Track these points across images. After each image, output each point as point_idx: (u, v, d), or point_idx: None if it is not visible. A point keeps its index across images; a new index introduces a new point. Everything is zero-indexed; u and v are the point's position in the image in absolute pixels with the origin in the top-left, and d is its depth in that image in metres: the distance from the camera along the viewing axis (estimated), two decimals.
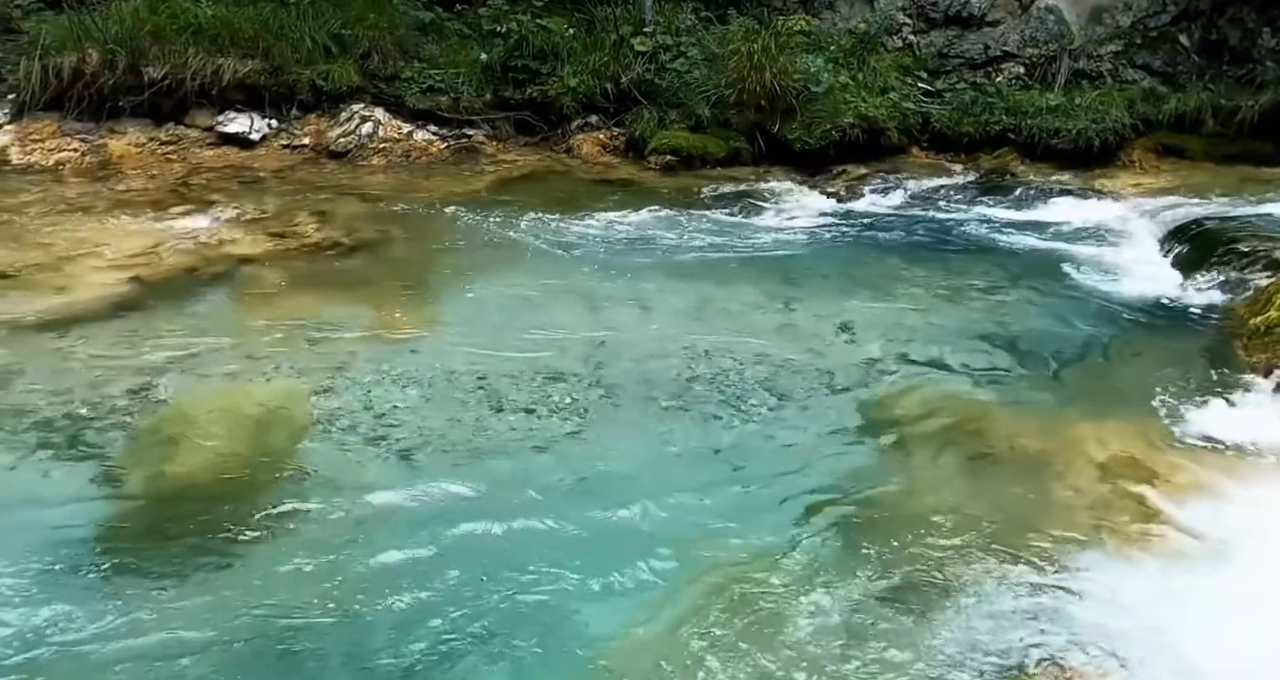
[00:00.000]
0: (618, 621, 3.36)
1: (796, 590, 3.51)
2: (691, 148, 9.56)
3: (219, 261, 6.62)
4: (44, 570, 3.52)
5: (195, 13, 9.33)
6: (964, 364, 5.38)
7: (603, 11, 10.42)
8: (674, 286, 6.47)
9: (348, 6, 9.90)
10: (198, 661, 3.13)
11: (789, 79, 9.64)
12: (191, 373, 4.97)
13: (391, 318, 5.84)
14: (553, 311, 5.96)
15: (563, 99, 9.90)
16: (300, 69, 9.49)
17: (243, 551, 3.69)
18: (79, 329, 5.45)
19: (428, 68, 9.96)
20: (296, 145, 9.42)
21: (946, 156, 10.09)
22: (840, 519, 3.95)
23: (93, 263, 6.48)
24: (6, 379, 4.83)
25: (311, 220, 7.56)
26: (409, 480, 4.15)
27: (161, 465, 4.13)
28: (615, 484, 4.17)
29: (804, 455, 4.45)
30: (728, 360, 5.31)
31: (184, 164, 8.93)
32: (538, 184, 8.92)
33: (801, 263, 7.08)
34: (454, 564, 3.61)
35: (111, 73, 8.98)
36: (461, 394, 4.86)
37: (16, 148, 8.78)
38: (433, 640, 3.25)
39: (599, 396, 4.90)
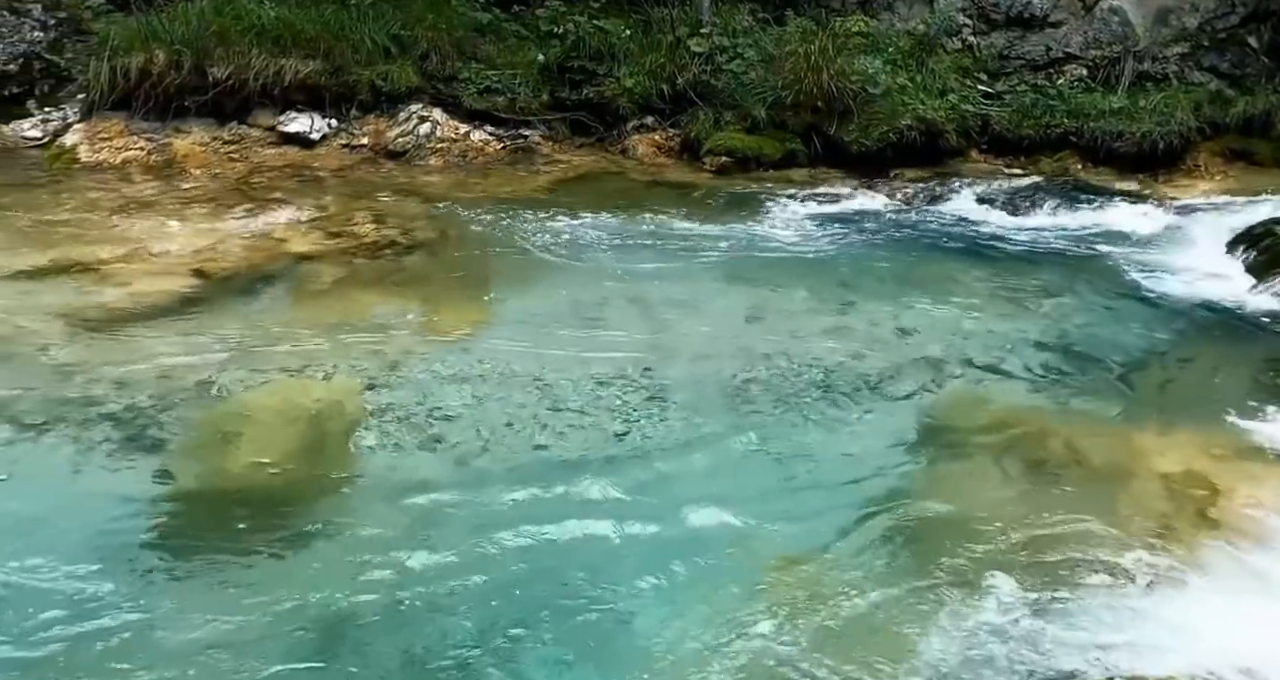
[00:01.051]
0: (669, 623, 3.35)
1: (849, 594, 3.48)
2: (747, 149, 9.51)
3: (278, 259, 6.71)
4: (105, 560, 3.59)
5: (259, 14, 9.45)
6: (1023, 369, 5.31)
7: (660, 12, 10.41)
8: (728, 288, 6.45)
9: (408, 8, 9.98)
10: (251, 651, 3.18)
11: (846, 80, 9.56)
12: (250, 368, 5.04)
13: (446, 316, 5.88)
14: (606, 312, 5.97)
15: (619, 100, 9.90)
16: (360, 69, 9.58)
17: (297, 544, 3.73)
18: (144, 323, 5.56)
19: (485, 68, 10.01)
20: (355, 145, 9.51)
21: (1006, 160, 9.95)
22: (896, 525, 3.91)
23: (157, 259, 6.60)
24: (74, 371, 4.93)
25: (369, 219, 7.64)
26: (461, 478, 4.18)
27: (220, 458, 4.20)
28: (667, 486, 4.17)
29: (859, 459, 4.42)
30: (782, 363, 5.28)
31: (246, 163, 9.06)
32: (593, 185, 8.93)
33: (857, 265, 7.02)
34: (505, 561, 3.63)
35: (177, 73, 9.13)
36: (514, 393, 4.88)
37: (86, 146, 8.97)
38: (483, 636, 3.27)
39: (651, 398, 4.90)
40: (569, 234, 7.47)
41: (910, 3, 11.20)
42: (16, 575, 3.47)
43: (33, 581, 3.46)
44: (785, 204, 8.41)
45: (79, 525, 3.77)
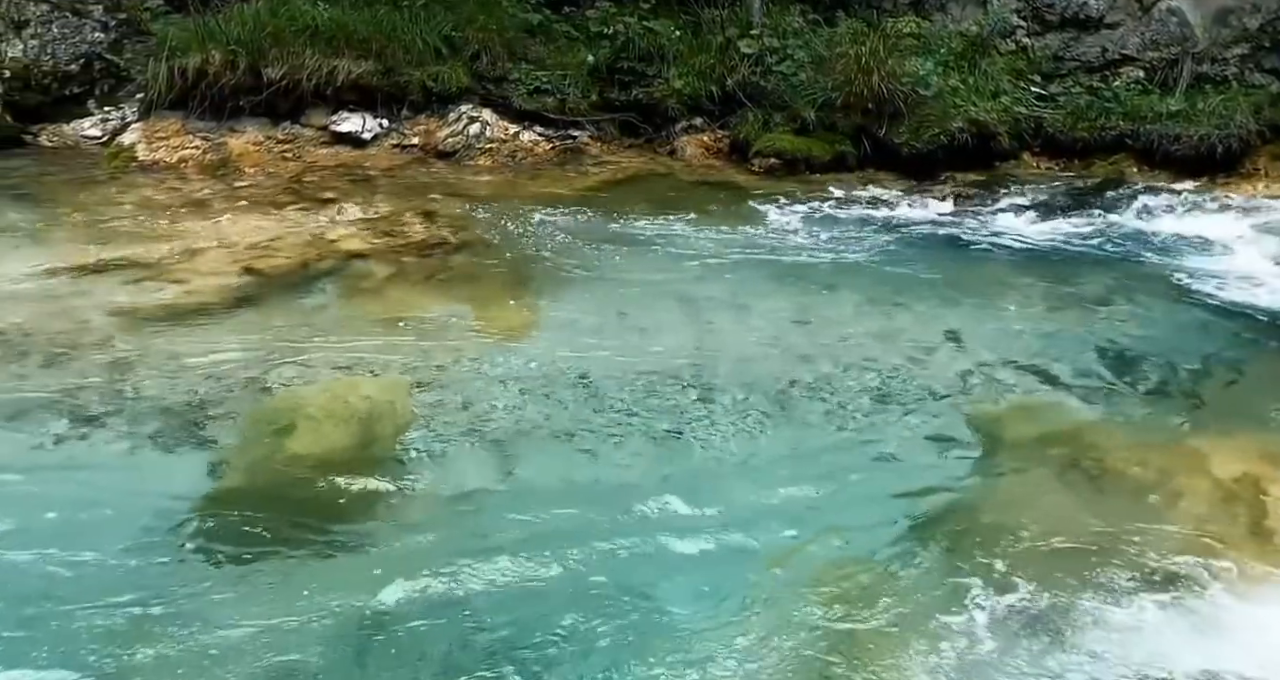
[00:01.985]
0: (709, 624, 3.35)
1: (894, 601, 3.45)
2: (796, 150, 9.48)
3: (330, 257, 6.79)
4: (157, 550, 3.66)
5: (313, 15, 9.57)
6: (1074, 375, 5.24)
7: (710, 13, 10.40)
8: (775, 290, 6.42)
9: (459, 9, 10.05)
10: (300, 641, 3.22)
11: (897, 82, 9.50)
12: (301, 364, 5.11)
13: (494, 316, 5.92)
14: (653, 313, 5.97)
15: (668, 101, 9.91)
16: (411, 70, 9.66)
17: (344, 539, 3.77)
18: (198, 320, 5.65)
19: (535, 69, 10.06)
20: (406, 145, 9.60)
21: (1059, 162, 9.83)
22: (941, 530, 3.87)
23: (212, 256, 6.70)
24: (131, 365, 5.03)
25: (419, 219, 7.70)
26: (508, 476, 4.21)
27: (270, 453, 4.25)
28: (711, 487, 4.16)
29: (905, 464, 4.39)
30: (828, 365, 5.25)
31: (299, 162, 9.18)
32: (641, 185, 8.94)
33: (906, 268, 6.97)
34: (548, 558, 3.64)
35: (233, 73, 9.27)
36: (561, 393, 4.90)
37: (143, 145, 9.14)
38: (525, 635, 3.28)
39: (697, 399, 4.89)
40: (616, 235, 7.49)
41: (963, 3, 11.09)
42: (73, 563, 3.54)
43: (88, 570, 3.53)
44: (834, 206, 8.37)
45: (133, 516, 3.84)
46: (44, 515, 3.80)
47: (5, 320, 5.50)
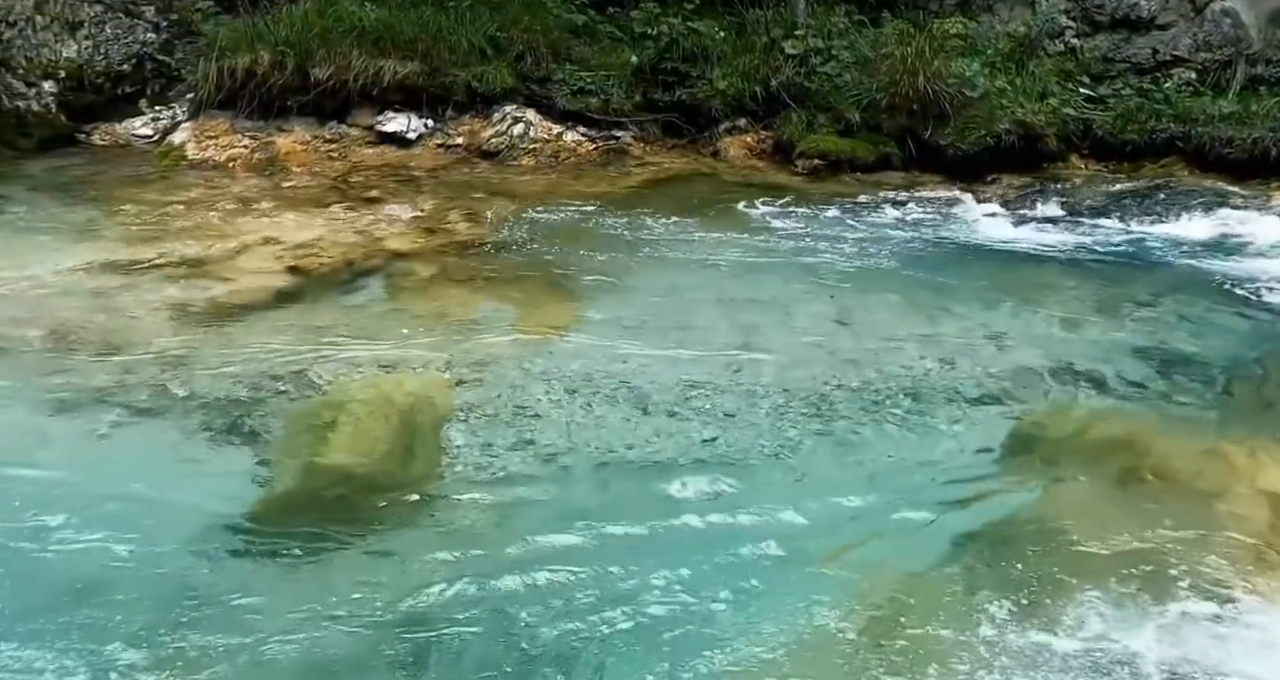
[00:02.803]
0: (747, 629, 3.33)
1: (934, 606, 3.42)
2: (840, 152, 9.42)
3: (374, 256, 6.85)
4: (203, 545, 3.70)
5: (360, 16, 9.66)
6: (1121, 380, 5.16)
7: (755, 14, 10.37)
8: (818, 292, 6.39)
9: (504, 9, 10.10)
10: (339, 636, 3.24)
11: (943, 83, 9.42)
12: (345, 361, 5.15)
13: (536, 314, 5.94)
14: (695, 314, 5.96)
15: (711, 101, 9.89)
16: (457, 71, 9.73)
17: (387, 535, 3.80)
18: (244, 317, 5.72)
19: (579, 70, 10.08)
20: (451, 145, 9.67)
21: (1108, 165, 9.69)
22: (985, 537, 3.83)
23: (259, 254, 6.79)
24: (179, 361, 5.10)
25: (462, 218, 7.75)
26: (548, 475, 4.21)
27: (314, 449, 4.29)
28: (751, 490, 4.14)
29: (948, 469, 4.35)
30: (871, 369, 5.22)
31: (344, 162, 9.27)
32: (684, 186, 8.93)
33: (950, 271, 6.91)
34: (586, 558, 3.64)
35: (281, 74, 9.39)
36: (602, 393, 4.90)
37: (193, 144, 9.27)
38: (563, 631, 3.28)
39: (738, 401, 4.87)
40: (659, 235, 7.49)
41: (1011, 4, 10.97)
42: (121, 556, 3.60)
43: (136, 563, 3.57)
44: (878, 207, 8.32)
45: (180, 510, 3.89)
46: (93, 509, 3.85)
47: (57, 315, 5.61)
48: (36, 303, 5.78)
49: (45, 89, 9.54)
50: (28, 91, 9.39)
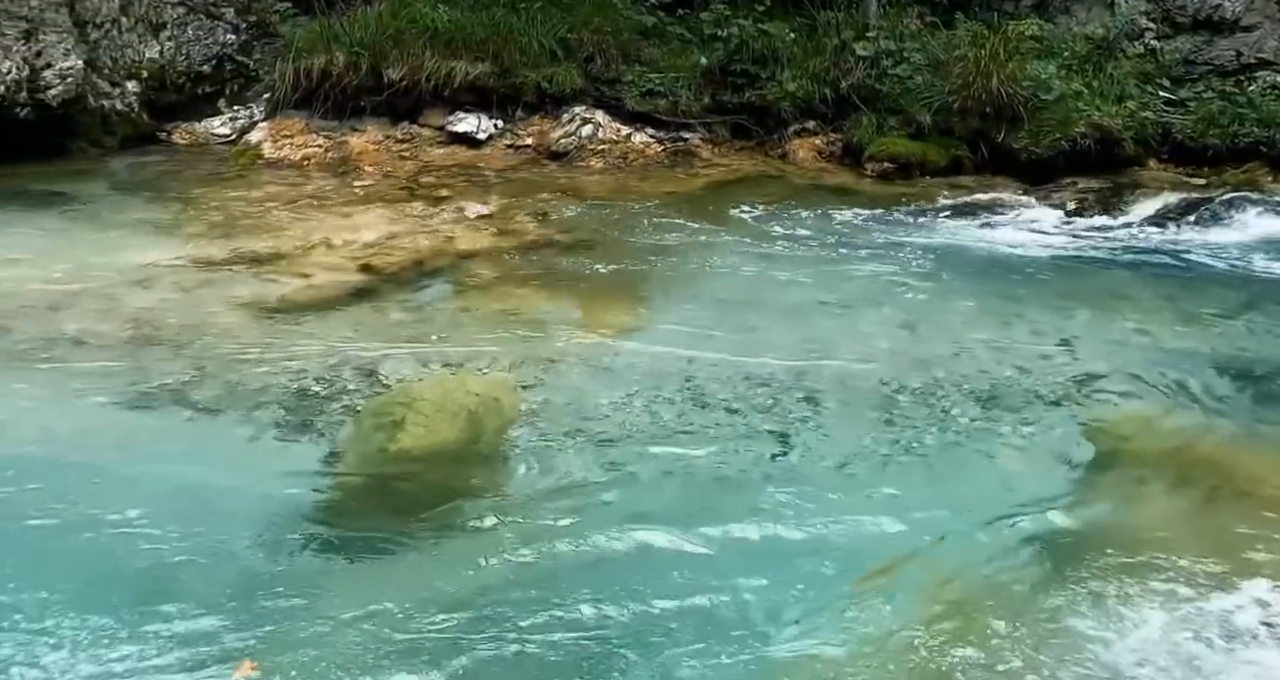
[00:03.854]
0: (809, 635, 3.31)
1: (999, 616, 3.36)
2: (910, 155, 9.32)
3: (443, 255, 6.93)
4: (273, 538, 3.76)
5: (433, 17, 9.79)
6: (1197, 391, 5.03)
7: (825, 15, 10.30)
8: (884, 295, 6.34)
9: (574, 11, 10.15)
10: (401, 631, 3.27)
11: (1017, 86, 9.27)
12: (413, 360, 5.22)
13: (602, 315, 5.96)
14: (760, 315, 5.94)
15: (780, 103, 9.84)
16: (527, 72, 9.81)
17: (450, 532, 3.84)
18: (315, 314, 5.83)
19: (648, 71, 10.10)
20: (520, 145, 9.74)
21: (1187, 170, 9.45)
22: (1053, 545, 3.76)
23: (330, 252, 6.90)
24: (252, 356, 5.21)
25: (530, 219, 7.81)
26: (610, 476, 4.22)
27: (381, 446, 4.35)
28: (813, 491, 4.11)
29: (1014, 476, 4.28)
30: (938, 372, 5.15)
31: (416, 161, 9.38)
32: (751, 188, 8.90)
33: (1021, 276, 6.80)
34: (647, 558, 3.65)
35: (355, 74, 9.55)
36: (666, 393, 4.91)
37: (269, 143, 9.46)
38: (621, 629, 3.28)
39: (803, 401, 4.85)
40: (724, 237, 7.48)
41: (1089, 5, 10.77)
42: (195, 548, 3.67)
43: (208, 555, 3.64)
44: (949, 212, 8.22)
45: (251, 503, 3.96)
46: (168, 500, 3.94)
47: (136, 309, 5.76)
48: (117, 297, 5.93)
49: (129, 89, 9.80)
50: (112, 91, 9.65)
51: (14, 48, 8.52)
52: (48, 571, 3.49)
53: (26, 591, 3.36)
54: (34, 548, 3.64)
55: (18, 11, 8.56)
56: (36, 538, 3.69)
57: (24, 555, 3.58)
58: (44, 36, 8.73)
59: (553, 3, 10.12)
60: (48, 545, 3.66)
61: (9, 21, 8.50)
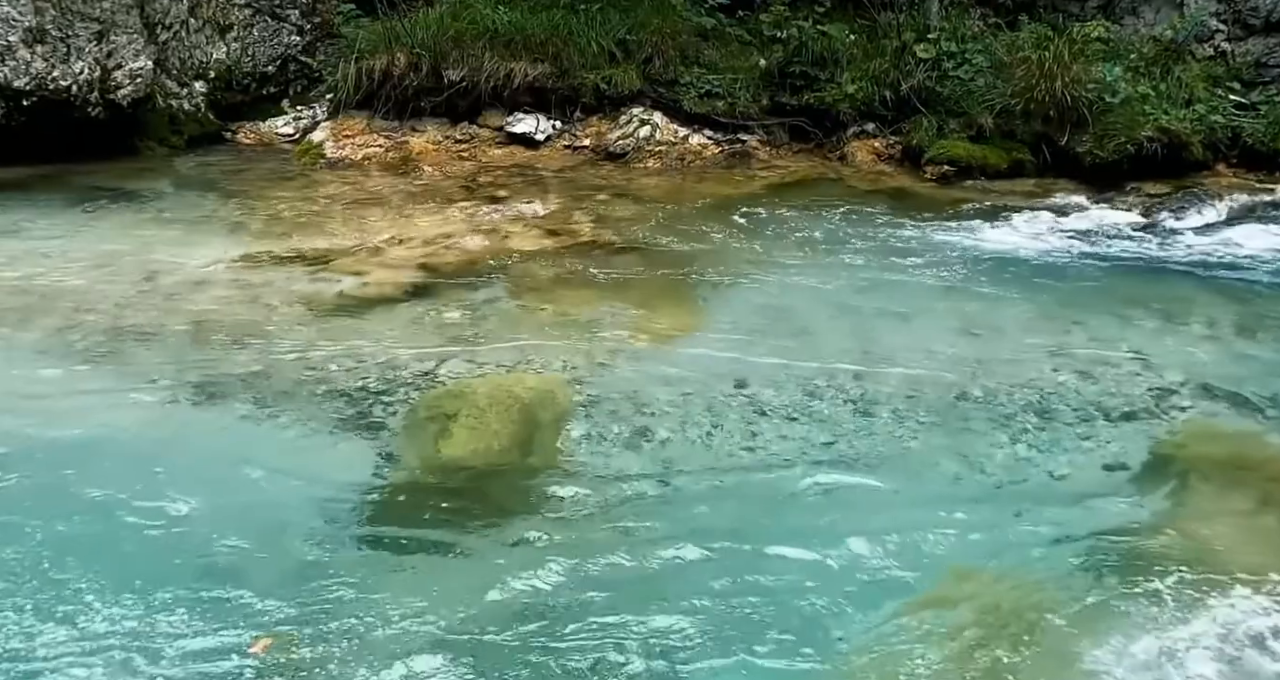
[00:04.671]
0: (861, 637, 3.28)
1: (1057, 624, 3.31)
2: (971, 158, 9.20)
3: (500, 255, 6.97)
4: (328, 532, 3.82)
5: (493, 19, 9.86)
6: (1265, 402, 4.91)
7: (886, 17, 10.21)
8: (944, 300, 6.26)
9: (633, 12, 10.17)
10: (448, 625, 3.30)
11: (1082, 88, 9.11)
12: (469, 358, 5.26)
13: (656, 316, 5.96)
14: (815, 319, 5.90)
15: (839, 105, 9.78)
16: (585, 73, 9.84)
17: (501, 529, 3.86)
18: (374, 311, 5.90)
19: (706, 73, 10.09)
20: (577, 146, 9.78)
21: (1258, 175, 9.21)
22: (1117, 558, 3.69)
23: (389, 250, 6.99)
24: (310, 352, 5.28)
25: (587, 219, 7.83)
26: (664, 477, 4.22)
27: (437, 443, 4.39)
28: (868, 497, 4.09)
29: (1077, 486, 4.21)
30: (999, 380, 5.08)
31: (474, 161, 9.46)
32: (808, 190, 8.85)
33: (1085, 283, 6.68)
34: (701, 562, 3.64)
35: (416, 75, 9.66)
36: (720, 396, 4.89)
37: (331, 143, 9.60)
38: (675, 634, 3.28)
39: (858, 407, 4.81)
40: (781, 238, 7.44)
41: (1157, 7, 10.56)
42: (251, 541, 3.74)
43: (263, 547, 3.71)
44: (1009, 216, 8.08)
45: (307, 497, 4.03)
46: (225, 490, 4.02)
47: (200, 305, 5.88)
48: (182, 293, 6.06)
49: (196, 89, 9.99)
50: (180, 91, 9.85)
51: (86, 49, 8.72)
52: (108, 557, 3.59)
53: (88, 576, 3.46)
54: (96, 534, 3.74)
55: (90, 13, 8.76)
56: (99, 524, 3.80)
57: (87, 541, 3.68)
58: (115, 38, 8.93)
59: (612, 4, 10.15)
60: (109, 532, 3.76)
61: (82, 23, 8.71)
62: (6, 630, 3.22)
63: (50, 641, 3.17)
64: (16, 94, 8.41)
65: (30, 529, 3.72)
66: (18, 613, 3.29)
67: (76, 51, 8.67)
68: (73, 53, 8.64)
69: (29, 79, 8.43)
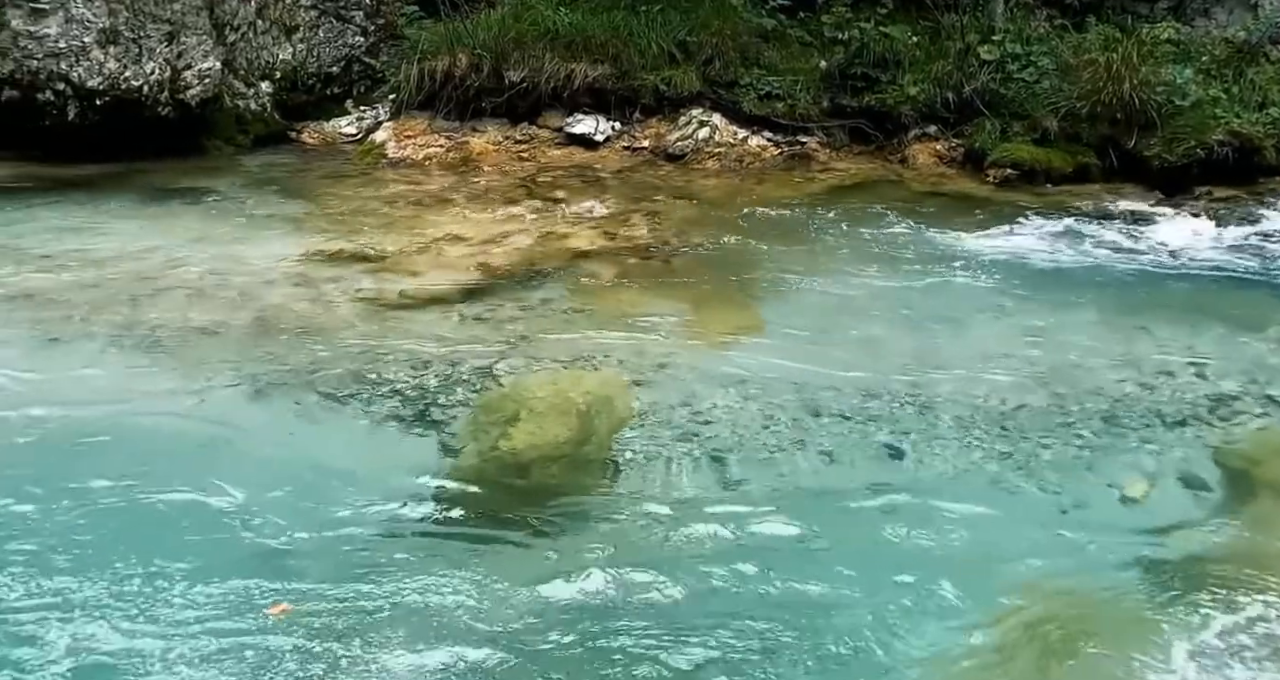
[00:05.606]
0: (922, 646, 3.25)
1: (1119, 636, 3.25)
2: (1034, 161, 9.06)
3: (557, 255, 7.00)
4: (385, 528, 3.86)
5: (554, 20, 9.90)
6: None
7: (950, 18, 10.09)
8: (1004, 306, 6.18)
9: (693, 13, 10.14)
10: (500, 622, 3.33)
11: (1150, 91, 8.93)
12: (526, 357, 5.30)
13: (713, 319, 5.95)
14: (874, 323, 5.86)
15: (901, 107, 9.68)
16: (645, 74, 9.84)
17: (558, 527, 3.89)
18: (433, 309, 5.96)
19: (766, 74, 10.04)
20: (636, 147, 9.78)
21: None
22: (1179, 568, 3.62)
23: (449, 249, 7.05)
24: (371, 350, 5.35)
25: (645, 220, 7.84)
26: (719, 479, 4.22)
27: (495, 441, 4.42)
28: (927, 506, 4.04)
29: (1138, 498, 4.14)
30: (1060, 388, 5.00)
31: (533, 162, 9.51)
32: (868, 193, 8.77)
33: (1151, 289, 6.56)
34: (755, 564, 3.63)
35: (477, 76, 9.72)
36: (776, 399, 4.87)
37: (393, 143, 9.70)
38: (727, 637, 3.27)
39: (916, 414, 4.76)
40: (840, 241, 7.38)
41: (1230, 8, 10.34)
42: (305, 528, 3.80)
43: (321, 541, 3.76)
44: (1073, 220, 7.95)
45: (366, 493, 4.07)
46: (285, 484, 4.09)
47: (263, 301, 5.97)
48: (246, 289, 6.16)
49: (262, 89, 10.15)
50: (247, 91, 10.01)
51: (157, 50, 8.90)
52: (173, 542, 3.69)
53: (154, 559, 3.57)
54: (162, 520, 3.84)
55: (161, 15, 8.94)
56: (165, 510, 3.90)
57: (154, 527, 3.79)
58: (185, 39, 9.11)
59: (672, 5, 10.14)
60: (175, 518, 3.86)
61: (153, 24, 8.89)
62: (80, 608, 3.31)
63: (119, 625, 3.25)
64: (90, 94, 8.61)
65: (101, 515, 3.83)
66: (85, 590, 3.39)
67: (148, 52, 8.85)
68: (144, 53, 8.83)
69: (102, 79, 8.63)
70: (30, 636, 3.19)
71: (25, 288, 6.09)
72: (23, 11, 8.42)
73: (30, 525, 3.77)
